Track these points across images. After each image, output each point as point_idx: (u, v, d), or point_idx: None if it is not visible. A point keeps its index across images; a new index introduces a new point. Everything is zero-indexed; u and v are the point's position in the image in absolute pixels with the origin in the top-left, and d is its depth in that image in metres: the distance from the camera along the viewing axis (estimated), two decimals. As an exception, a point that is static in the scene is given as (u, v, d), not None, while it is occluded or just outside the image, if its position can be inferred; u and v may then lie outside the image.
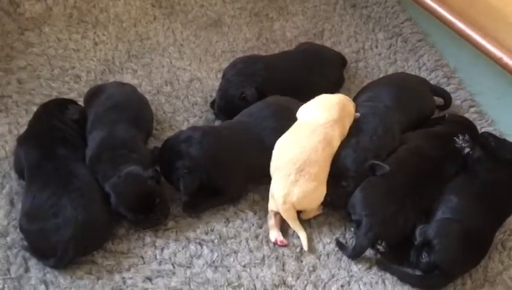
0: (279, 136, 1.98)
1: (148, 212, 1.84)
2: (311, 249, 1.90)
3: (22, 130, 2.09)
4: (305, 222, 1.96)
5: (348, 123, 2.01)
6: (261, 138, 2.00)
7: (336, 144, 1.96)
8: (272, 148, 1.97)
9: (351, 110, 2.05)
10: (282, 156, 1.93)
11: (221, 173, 1.95)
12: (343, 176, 1.92)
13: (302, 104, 2.10)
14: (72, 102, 2.16)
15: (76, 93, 2.35)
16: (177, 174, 1.91)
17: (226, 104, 2.24)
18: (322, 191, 1.92)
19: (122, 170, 1.86)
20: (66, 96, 2.29)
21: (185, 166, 1.90)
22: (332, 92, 2.34)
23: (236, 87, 2.22)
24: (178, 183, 1.91)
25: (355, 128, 2.01)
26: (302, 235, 1.91)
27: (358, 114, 2.06)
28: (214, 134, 1.99)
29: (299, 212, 1.94)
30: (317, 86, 2.31)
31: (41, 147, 1.92)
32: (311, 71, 2.34)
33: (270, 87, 2.22)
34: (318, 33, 2.78)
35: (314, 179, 1.88)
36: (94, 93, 2.14)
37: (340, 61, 2.52)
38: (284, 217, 1.92)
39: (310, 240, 1.91)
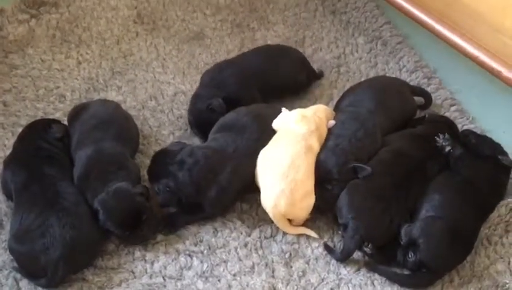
0: (262, 146, 2.01)
1: (135, 229, 1.85)
2: (301, 253, 1.92)
3: (9, 152, 2.11)
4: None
5: (324, 132, 2.05)
6: (249, 153, 2.01)
7: (316, 150, 1.99)
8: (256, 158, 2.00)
9: (324, 120, 2.08)
10: (267, 165, 1.96)
11: (206, 199, 1.95)
12: (326, 179, 1.95)
13: (274, 108, 2.17)
14: (55, 121, 2.18)
15: (62, 113, 2.37)
16: (159, 188, 1.95)
17: (196, 119, 2.27)
18: (311, 199, 1.94)
19: (112, 187, 1.88)
20: (51, 117, 2.32)
21: (168, 185, 1.93)
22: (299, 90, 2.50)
23: (204, 99, 2.25)
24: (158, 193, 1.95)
25: (336, 133, 2.04)
26: (305, 231, 1.95)
27: (333, 122, 2.09)
28: (205, 164, 1.95)
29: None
30: (288, 84, 2.43)
31: (27, 168, 1.95)
32: (280, 71, 2.41)
33: (242, 91, 2.28)
34: (299, 41, 2.82)
35: (300, 187, 1.91)
36: (78, 112, 2.16)
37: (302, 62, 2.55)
38: (278, 226, 1.96)
39: (298, 244, 1.94)
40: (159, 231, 1.95)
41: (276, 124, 2.08)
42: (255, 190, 2.00)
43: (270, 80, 2.36)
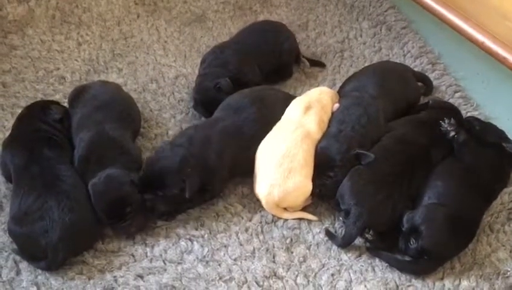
0: (259, 127, 2.01)
1: (119, 219, 1.82)
2: (302, 239, 1.91)
3: (8, 133, 2.09)
4: (294, 213, 1.98)
5: (325, 115, 2.03)
6: (243, 131, 2.00)
7: (316, 136, 1.98)
8: (253, 140, 1.99)
9: (327, 102, 2.07)
10: (264, 155, 1.95)
11: (212, 169, 1.93)
12: (329, 166, 1.93)
13: (277, 90, 2.17)
14: (54, 103, 2.16)
15: (62, 94, 2.35)
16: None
17: (203, 97, 2.25)
18: (306, 187, 1.93)
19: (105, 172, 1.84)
20: (51, 98, 2.30)
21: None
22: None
23: (210, 78, 2.23)
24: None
25: (339, 119, 2.02)
26: (302, 215, 1.94)
27: (337, 105, 2.07)
28: (201, 135, 1.96)
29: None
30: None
31: (26, 149, 1.92)
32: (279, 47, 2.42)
33: (244, 70, 2.28)
34: (302, 24, 2.78)
35: (294, 175, 1.89)
36: (78, 94, 2.13)
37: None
38: (272, 213, 1.95)
39: (299, 230, 1.93)
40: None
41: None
42: (252, 174, 1.98)
43: (268, 55, 2.37)
